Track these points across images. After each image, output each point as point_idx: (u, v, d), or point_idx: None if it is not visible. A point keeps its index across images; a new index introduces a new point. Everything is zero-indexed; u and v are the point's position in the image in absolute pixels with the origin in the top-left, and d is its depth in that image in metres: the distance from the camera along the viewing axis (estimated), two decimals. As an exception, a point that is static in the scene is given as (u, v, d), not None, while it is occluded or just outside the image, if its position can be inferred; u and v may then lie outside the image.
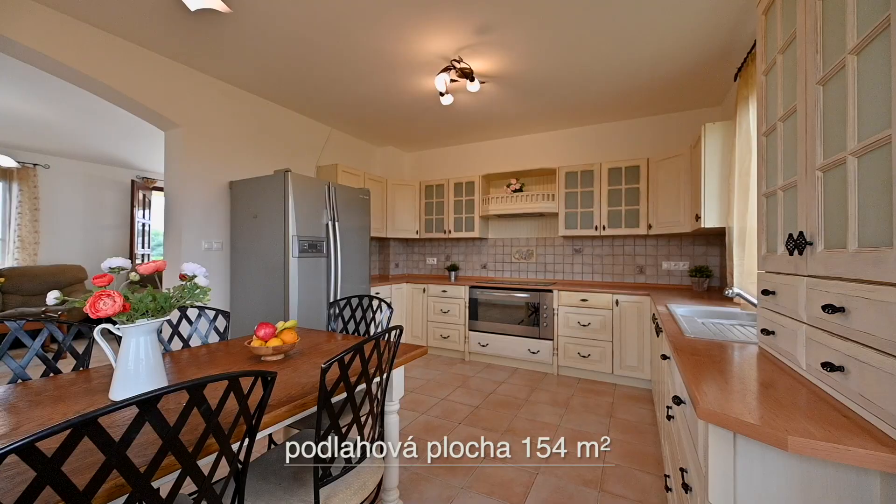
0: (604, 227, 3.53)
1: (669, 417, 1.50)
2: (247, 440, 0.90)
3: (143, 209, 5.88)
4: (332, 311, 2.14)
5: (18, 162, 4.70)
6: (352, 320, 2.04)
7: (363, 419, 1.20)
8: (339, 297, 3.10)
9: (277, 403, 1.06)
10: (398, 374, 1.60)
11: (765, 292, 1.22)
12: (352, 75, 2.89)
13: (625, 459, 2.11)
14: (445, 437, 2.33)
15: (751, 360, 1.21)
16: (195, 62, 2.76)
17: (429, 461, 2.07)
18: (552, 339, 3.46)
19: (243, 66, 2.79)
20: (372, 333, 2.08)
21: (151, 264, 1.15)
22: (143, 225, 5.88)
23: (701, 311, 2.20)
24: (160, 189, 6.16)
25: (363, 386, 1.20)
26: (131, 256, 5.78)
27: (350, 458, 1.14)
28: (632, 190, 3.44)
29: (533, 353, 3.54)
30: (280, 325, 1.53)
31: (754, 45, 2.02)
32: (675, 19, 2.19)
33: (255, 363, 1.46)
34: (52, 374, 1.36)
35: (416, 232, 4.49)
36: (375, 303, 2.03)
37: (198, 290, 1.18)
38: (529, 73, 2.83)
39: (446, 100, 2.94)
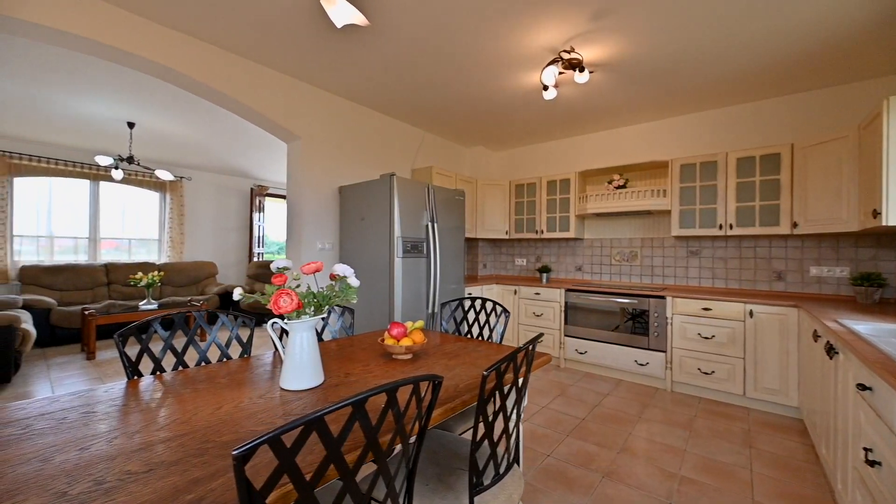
0: (731, 226, 3.08)
1: (872, 463, 1.21)
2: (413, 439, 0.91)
3: (259, 213, 6.68)
4: (442, 311, 2.15)
5: (175, 176, 5.65)
6: (464, 322, 2.03)
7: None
8: (437, 297, 3.15)
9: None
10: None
11: None
12: (452, 77, 2.90)
13: (780, 502, 1.78)
14: (554, 450, 2.22)
15: None
16: (313, 79, 3.01)
17: (543, 472, 1.98)
18: (665, 351, 3.12)
19: (353, 78, 2.97)
20: (485, 337, 2.05)
21: (312, 265, 1.24)
22: (259, 227, 6.68)
23: (888, 329, 1.78)
24: (271, 195, 6.95)
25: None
26: (249, 255, 6.61)
27: (499, 467, 1.10)
28: (769, 182, 2.94)
29: (641, 364, 3.22)
30: (409, 325, 1.57)
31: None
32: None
33: (387, 360, 1.51)
34: (224, 360, 1.55)
35: (506, 232, 4.40)
36: (489, 305, 2.00)
37: (350, 290, 1.24)
38: (645, 57, 2.57)
39: (549, 94, 2.81)
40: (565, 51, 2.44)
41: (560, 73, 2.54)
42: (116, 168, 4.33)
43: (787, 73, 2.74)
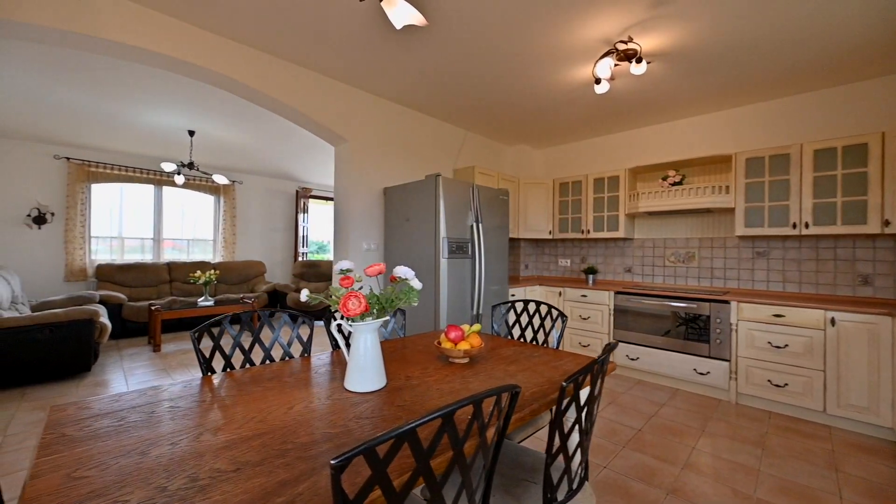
0: (806, 225, 2.80)
1: None
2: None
3: (303, 214, 6.94)
4: (492, 313, 2.11)
5: (229, 179, 5.99)
6: (516, 325, 1.97)
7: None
8: (481, 299, 3.10)
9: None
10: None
11: None
12: (500, 75, 2.85)
13: (881, 535, 1.58)
14: (610, 462, 2.11)
15: None
16: (361, 83, 3.06)
17: (602, 485, 1.88)
18: (728, 360, 2.89)
19: (398, 81, 2.99)
20: (539, 342, 1.98)
21: (375, 267, 1.24)
22: (303, 227, 6.94)
23: None
24: (315, 197, 7.19)
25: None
26: (295, 255, 6.88)
27: (573, 482, 1.05)
28: (854, 176, 2.64)
29: (701, 373, 3.01)
30: (466, 328, 1.54)
31: None
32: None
33: (444, 364, 1.49)
34: (286, 359, 1.59)
35: (549, 232, 4.28)
36: (544, 309, 1.93)
37: (412, 293, 1.23)
38: (712, 44, 2.38)
39: (601, 88, 2.69)
40: (622, 41, 2.32)
41: (615, 65, 2.42)
42: (178, 173, 4.65)
43: (882, 52, 2.45)
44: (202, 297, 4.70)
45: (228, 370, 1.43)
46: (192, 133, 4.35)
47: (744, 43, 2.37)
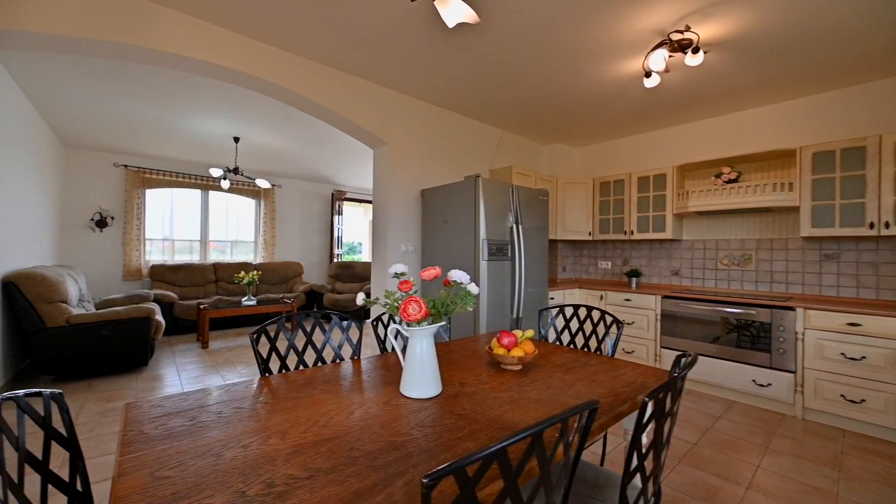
0: (886, 225, 2.54)
1: None
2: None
3: (338, 216, 7.10)
4: (539, 318, 2.04)
5: (271, 184, 6.23)
6: (566, 330, 1.90)
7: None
8: (521, 302, 3.03)
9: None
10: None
11: None
12: (543, 72, 2.77)
13: None
14: (665, 477, 1.99)
15: None
16: (400, 86, 3.08)
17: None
18: (793, 372, 2.66)
19: (437, 83, 2.97)
20: (591, 349, 1.90)
21: (431, 271, 1.21)
22: (338, 229, 7.10)
23: None
24: (349, 199, 7.34)
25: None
26: (330, 256, 7.04)
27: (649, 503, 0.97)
28: (945, 170, 2.37)
29: (760, 385, 2.80)
30: (519, 334, 1.49)
31: None
32: None
33: (496, 370, 1.44)
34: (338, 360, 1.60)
35: (589, 233, 4.13)
36: (597, 314, 1.84)
37: (469, 297, 1.20)
38: (779, 30, 2.21)
39: (651, 81, 2.56)
40: (677, 31, 2.19)
41: (669, 56, 2.29)
42: (224, 178, 4.86)
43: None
44: (245, 297, 4.90)
45: (284, 371, 1.45)
46: (236, 139, 4.54)
47: (818, 27, 2.17)
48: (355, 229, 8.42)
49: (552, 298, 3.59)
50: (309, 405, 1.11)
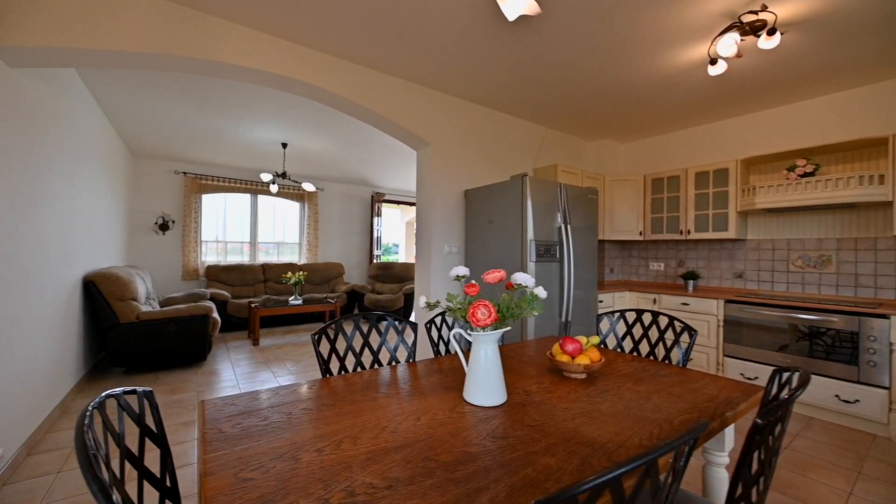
0: None
1: None
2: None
3: (377, 218, 7.23)
4: (598, 323, 1.93)
5: (317, 187, 6.47)
6: (627, 336, 1.78)
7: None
8: (570, 305, 2.92)
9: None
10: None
11: None
12: (595, 65, 2.65)
13: None
14: (742, 498, 1.82)
15: None
16: (444, 87, 3.06)
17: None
18: (887, 388, 2.36)
19: (483, 81, 2.92)
20: (658, 357, 1.77)
21: (496, 274, 1.17)
22: (377, 231, 7.23)
23: None
24: (387, 201, 7.45)
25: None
26: (370, 257, 7.18)
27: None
28: None
29: (845, 401, 2.51)
30: (583, 340, 1.40)
31: None
32: None
33: (559, 378, 1.37)
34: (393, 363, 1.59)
35: (640, 233, 3.92)
36: (664, 320, 1.71)
37: (537, 302, 1.14)
38: (867, 4, 1.96)
39: (717, 69, 2.37)
40: (751, 11, 2.00)
41: (740, 40, 2.10)
42: (273, 182, 5.08)
43: None
44: (292, 297, 5.08)
45: (343, 373, 1.46)
46: (284, 145, 4.73)
47: (919, -3, 1.91)
48: (391, 230, 8.54)
49: (601, 301, 3.43)
50: (374, 409, 1.09)
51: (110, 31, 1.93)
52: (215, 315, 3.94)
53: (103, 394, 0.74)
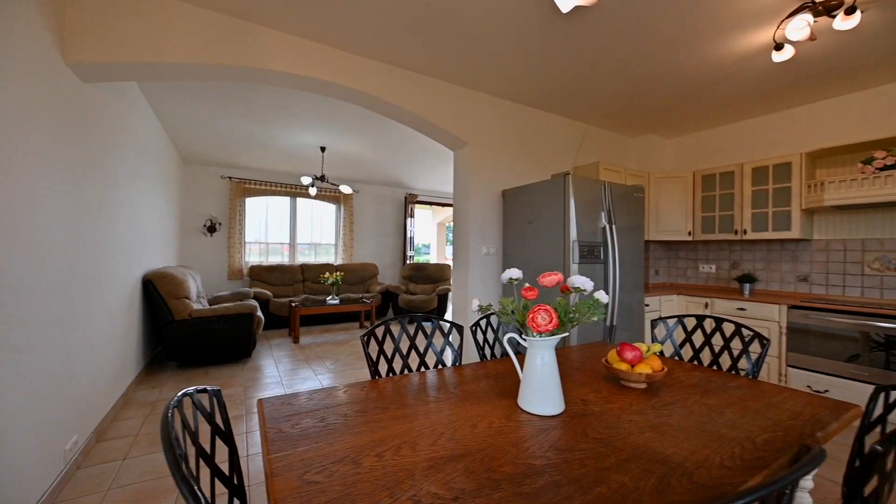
0: None
1: None
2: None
3: (410, 219, 7.28)
4: (653, 329, 1.83)
5: (353, 190, 6.62)
6: (686, 344, 1.67)
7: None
8: (616, 309, 2.79)
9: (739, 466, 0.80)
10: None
11: None
12: (642, 57, 2.51)
13: None
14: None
15: None
16: (481, 86, 3.02)
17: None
18: None
19: (521, 79, 2.86)
20: (722, 367, 1.65)
21: (553, 277, 1.12)
22: (411, 231, 7.28)
23: None
24: (420, 202, 7.50)
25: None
26: (403, 258, 7.25)
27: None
28: None
29: (937, 421, 2.23)
30: (644, 348, 1.32)
31: None
32: None
33: (616, 386, 1.29)
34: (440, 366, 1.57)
35: (689, 233, 3.70)
36: (729, 327, 1.59)
37: (598, 306, 1.07)
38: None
39: (783, 54, 2.19)
40: (826, -11, 1.82)
41: (813, 21, 1.92)
42: (312, 186, 5.23)
43: None
44: (330, 297, 5.21)
45: (391, 375, 1.45)
46: (323, 149, 4.86)
47: None
48: (423, 231, 8.58)
49: (647, 305, 3.26)
50: (428, 413, 1.07)
51: (169, 44, 2.04)
52: (259, 313, 4.10)
53: (180, 392, 0.76)
